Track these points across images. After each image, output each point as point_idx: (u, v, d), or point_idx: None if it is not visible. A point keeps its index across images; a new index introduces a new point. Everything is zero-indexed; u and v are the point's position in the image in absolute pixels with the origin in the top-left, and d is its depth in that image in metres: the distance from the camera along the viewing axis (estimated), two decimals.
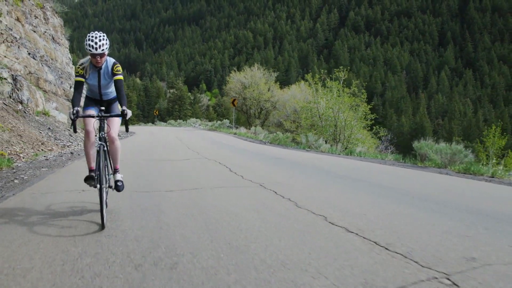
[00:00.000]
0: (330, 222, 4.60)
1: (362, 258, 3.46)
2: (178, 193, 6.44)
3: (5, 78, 18.42)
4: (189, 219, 4.76)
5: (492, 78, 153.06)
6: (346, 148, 20.03)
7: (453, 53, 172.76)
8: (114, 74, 5.06)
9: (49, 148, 14.68)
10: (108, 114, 4.94)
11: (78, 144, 17.33)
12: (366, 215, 5.00)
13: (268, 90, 44.48)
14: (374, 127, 26.23)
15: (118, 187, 5.21)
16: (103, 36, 4.84)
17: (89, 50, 4.74)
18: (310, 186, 7.45)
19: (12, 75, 19.44)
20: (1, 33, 19.78)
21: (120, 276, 3.06)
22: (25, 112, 18.54)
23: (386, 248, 3.70)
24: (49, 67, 26.80)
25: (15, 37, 18.72)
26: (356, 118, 23.40)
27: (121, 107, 4.97)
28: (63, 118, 22.45)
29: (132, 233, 4.19)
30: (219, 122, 51.06)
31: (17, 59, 22.37)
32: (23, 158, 11.39)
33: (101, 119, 4.84)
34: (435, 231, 4.32)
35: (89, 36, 4.80)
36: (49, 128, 18.85)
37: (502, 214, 5.27)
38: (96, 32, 4.84)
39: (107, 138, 5.02)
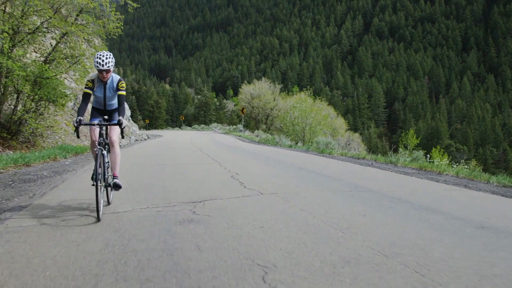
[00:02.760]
0: (224, 168, 13.64)
1: (223, 176, 12.55)
2: (173, 161, 15.65)
3: (68, 95, 28.00)
4: (163, 149, 13.91)
5: None
6: (309, 145, 28.87)
7: (476, 58, 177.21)
8: (118, 89, 5.93)
9: None
10: (107, 123, 5.76)
11: (119, 143, 26.76)
12: (234, 162, 14.06)
13: (274, 100, 53.59)
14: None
15: (116, 186, 5.96)
16: (109, 55, 5.65)
17: (97, 66, 5.58)
18: (233, 157, 16.50)
19: (73, 93, 29.00)
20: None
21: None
22: (73, 118, 28.08)
23: (227, 168, 12.77)
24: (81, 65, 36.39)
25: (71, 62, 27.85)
26: (321, 124, 32.23)
27: (118, 117, 5.78)
28: None
29: (141, 151, 13.40)
30: (234, 126, 60.63)
31: (71, 79, 32.00)
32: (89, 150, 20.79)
33: (101, 127, 5.64)
34: (244, 157, 13.42)
35: (97, 54, 5.62)
36: None
37: (290, 163, 14.24)
38: (104, 51, 5.65)
39: (104, 143, 5.66)
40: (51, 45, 16.76)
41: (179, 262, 3.66)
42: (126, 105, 40.97)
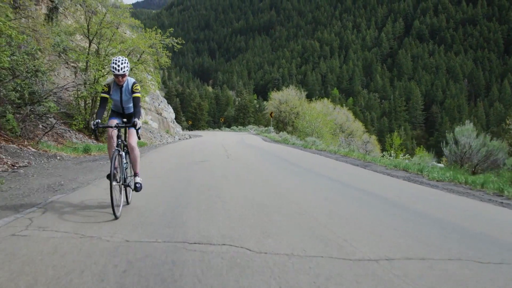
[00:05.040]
0: (227, 152, 22.07)
1: (223, 157, 21.05)
2: (201, 153, 24.24)
3: None
4: (198, 144, 22.50)
5: None
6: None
7: None
8: (133, 92, 6.43)
9: (154, 142, 33.04)
10: (123, 125, 6.34)
11: (166, 141, 35.59)
12: (244, 155, 22.51)
13: (300, 105, 61.70)
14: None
15: (136, 188, 6.62)
16: (124, 60, 6.18)
17: (113, 71, 6.11)
18: (238, 148, 24.87)
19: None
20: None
21: None
22: None
23: (229, 155, 21.20)
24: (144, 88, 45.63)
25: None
26: (327, 127, 40.29)
27: (133, 118, 6.28)
28: (156, 125, 40.90)
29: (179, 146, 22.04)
30: (267, 128, 69.28)
31: None
32: (147, 144, 29.67)
33: (118, 129, 6.23)
34: (245, 149, 21.88)
35: (113, 60, 6.15)
36: (150, 131, 37.10)
37: (269, 151, 22.57)
38: (120, 57, 6.17)
39: (122, 145, 6.36)
40: None
41: (191, 171, 12.14)
42: (170, 108, 50.70)
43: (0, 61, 10.71)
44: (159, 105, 46.60)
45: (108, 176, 5.87)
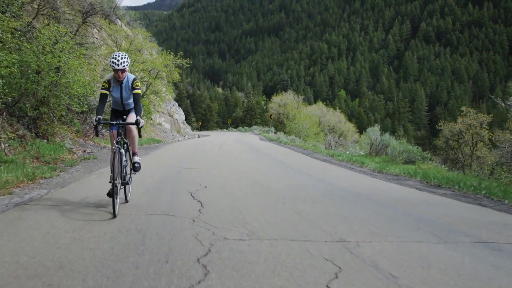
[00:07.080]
0: (221, 146, 30.20)
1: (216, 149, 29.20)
2: (203, 146, 32.46)
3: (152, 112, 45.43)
4: (202, 141, 30.67)
5: None
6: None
7: None
8: (133, 88, 6.52)
9: (166, 140, 41.26)
10: (125, 122, 6.53)
11: (177, 139, 43.77)
12: (232, 147, 30.68)
13: (297, 108, 69.72)
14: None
15: (135, 168, 6.98)
16: (124, 55, 6.28)
17: (113, 66, 6.18)
18: (230, 144, 32.96)
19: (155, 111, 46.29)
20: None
21: None
22: (152, 124, 45.37)
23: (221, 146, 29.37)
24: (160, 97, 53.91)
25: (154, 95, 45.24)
26: (313, 128, 48.24)
27: (136, 116, 6.45)
28: (168, 126, 49.02)
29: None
30: (267, 129, 77.44)
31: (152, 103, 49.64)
32: (162, 141, 37.86)
33: (119, 127, 6.40)
34: (236, 144, 30.08)
35: (113, 55, 6.25)
36: (164, 131, 45.29)
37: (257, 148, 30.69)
38: (119, 52, 6.28)
39: (122, 142, 6.50)
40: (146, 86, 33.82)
41: (191, 153, 20.37)
42: (181, 111, 60.18)
43: (91, 93, 18.71)
44: (171, 108, 54.87)
45: (109, 194, 6.28)
